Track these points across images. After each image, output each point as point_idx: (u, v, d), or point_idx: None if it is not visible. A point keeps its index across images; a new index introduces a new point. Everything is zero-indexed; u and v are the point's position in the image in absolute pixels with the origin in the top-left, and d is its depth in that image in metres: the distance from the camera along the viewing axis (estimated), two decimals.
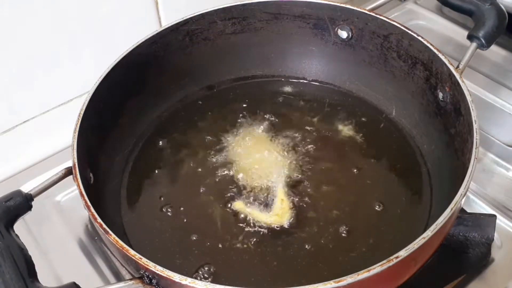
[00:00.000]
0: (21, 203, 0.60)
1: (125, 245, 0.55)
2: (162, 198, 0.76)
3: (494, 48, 0.87)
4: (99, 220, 0.58)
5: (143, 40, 0.79)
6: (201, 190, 0.76)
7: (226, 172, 0.78)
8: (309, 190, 0.75)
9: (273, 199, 0.74)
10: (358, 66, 0.88)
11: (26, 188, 0.62)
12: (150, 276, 0.54)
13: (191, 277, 0.52)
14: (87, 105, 0.70)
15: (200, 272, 0.66)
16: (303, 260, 0.67)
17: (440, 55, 0.73)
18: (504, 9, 0.78)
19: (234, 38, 0.88)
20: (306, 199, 0.74)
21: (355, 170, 0.77)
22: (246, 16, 0.86)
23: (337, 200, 0.73)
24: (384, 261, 0.51)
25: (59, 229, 0.79)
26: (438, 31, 1.07)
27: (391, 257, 0.51)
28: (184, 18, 0.82)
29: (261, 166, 0.78)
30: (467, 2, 0.79)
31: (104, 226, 0.57)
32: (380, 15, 0.81)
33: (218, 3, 0.84)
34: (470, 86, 0.70)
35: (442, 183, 0.73)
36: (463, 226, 0.68)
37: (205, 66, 0.89)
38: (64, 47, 0.83)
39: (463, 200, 0.58)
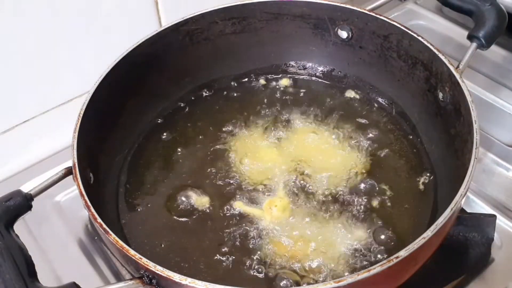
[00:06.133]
0: (21, 203, 0.60)
1: (125, 245, 0.55)
2: (162, 198, 0.76)
3: (494, 48, 0.87)
4: (99, 220, 0.58)
5: (143, 40, 0.79)
6: (201, 190, 0.76)
7: (226, 171, 0.78)
8: (309, 188, 0.75)
9: (273, 197, 0.73)
10: (358, 66, 0.88)
11: (26, 188, 0.62)
12: (150, 276, 0.54)
13: (192, 277, 0.52)
14: (87, 105, 0.70)
15: (201, 271, 0.66)
16: (304, 258, 0.67)
17: (440, 55, 0.73)
18: (504, 9, 0.78)
19: (234, 38, 0.88)
20: (307, 197, 0.74)
21: (356, 170, 0.77)
22: (246, 16, 0.86)
23: (338, 198, 0.73)
24: (384, 261, 0.51)
25: (59, 229, 0.79)
26: (438, 31, 1.07)
27: (391, 257, 0.51)
28: (184, 18, 0.82)
29: (261, 165, 0.78)
30: (467, 2, 0.79)
31: (104, 226, 0.57)
32: (380, 15, 0.81)
33: (218, 3, 0.84)
34: (470, 86, 0.70)
35: (442, 183, 0.73)
36: (463, 226, 0.68)
37: (205, 66, 0.89)
38: (64, 47, 0.83)
39: (463, 200, 0.58)
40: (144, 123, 0.85)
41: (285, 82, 0.92)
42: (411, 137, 0.82)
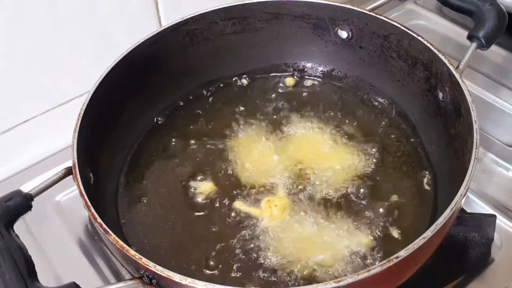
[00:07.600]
0: (21, 203, 0.60)
1: (125, 245, 0.55)
2: (162, 198, 0.76)
3: (494, 48, 0.87)
4: (99, 220, 0.58)
5: (143, 40, 0.79)
6: (201, 190, 0.76)
7: (226, 171, 0.78)
8: (309, 188, 0.75)
9: (273, 197, 0.73)
10: (358, 66, 0.88)
11: (26, 188, 0.62)
12: (150, 276, 0.54)
13: (192, 277, 0.52)
14: (87, 105, 0.70)
15: (201, 272, 0.66)
16: (303, 259, 0.67)
17: (440, 55, 0.73)
18: (504, 9, 0.78)
19: (234, 38, 0.88)
20: (307, 196, 0.73)
21: (355, 170, 0.77)
22: (246, 16, 0.86)
23: (338, 198, 0.73)
24: (384, 261, 0.51)
25: (59, 229, 0.79)
26: (438, 31, 1.07)
27: (391, 257, 0.51)
28: (184, 18, 0.82)
29: (261, 165, 0.78)
30: (467, 2, 0.79)
31: (104, 226, 0.57)
32: (380, 15, 0.81)
33: (218, 3, 0.84)
34: (470, 86, 0.70)
35: (442, 183, 0.73)
36: (463, 226, 0.68)
37: (205, 66, 0.89)
38: (64, 47, 0.83)
39: (463, 200, 0.58)
40: (144, 123, 0.85)
41: (285, 82, 0.92)
42: (411, 137, 0.82)
